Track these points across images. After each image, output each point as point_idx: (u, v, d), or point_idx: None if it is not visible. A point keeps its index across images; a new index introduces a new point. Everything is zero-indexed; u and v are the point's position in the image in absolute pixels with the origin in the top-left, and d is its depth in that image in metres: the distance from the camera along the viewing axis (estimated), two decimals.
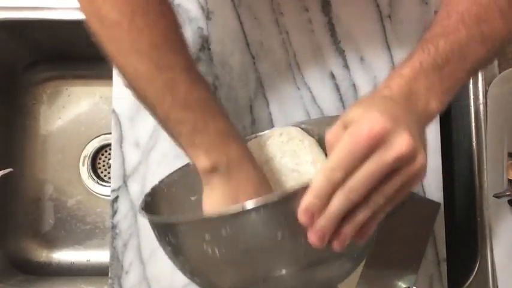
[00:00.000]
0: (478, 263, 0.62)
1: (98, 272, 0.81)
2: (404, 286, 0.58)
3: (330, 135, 0.35)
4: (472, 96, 0.65)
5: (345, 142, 0.32)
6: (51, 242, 0.83)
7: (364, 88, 0.61)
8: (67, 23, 0.70)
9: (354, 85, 0.61)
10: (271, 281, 0.38)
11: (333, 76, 0.61)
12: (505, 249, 0.62)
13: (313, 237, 0.33)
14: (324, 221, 0.33)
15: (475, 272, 0.62)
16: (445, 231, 0.60)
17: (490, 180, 0.63)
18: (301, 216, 0.33)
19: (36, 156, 0.85)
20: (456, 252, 0.65)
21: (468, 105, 0.65)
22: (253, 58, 0.62)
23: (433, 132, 0.61)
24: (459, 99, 0.67)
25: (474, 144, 0.65)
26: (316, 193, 0.32)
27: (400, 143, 0.32)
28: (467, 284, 0.62)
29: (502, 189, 0.62)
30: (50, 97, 0.87)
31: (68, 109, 0.87)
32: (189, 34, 0.61)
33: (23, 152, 0.85)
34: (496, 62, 0.66)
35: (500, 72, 0.65)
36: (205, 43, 0.61)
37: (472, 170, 0.64)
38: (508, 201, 0.62)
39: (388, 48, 0.62)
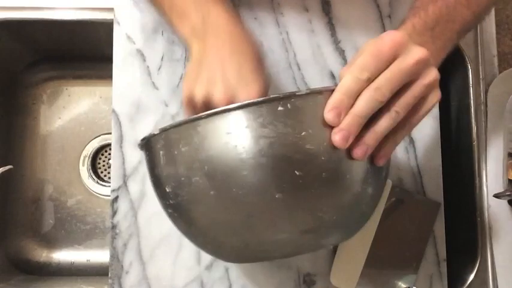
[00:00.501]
0: (478, 263, 0.62)
1: (98, 272, 0.81)
2: (404, 286, 0.58)
3: (344, 68, 0.37)
4: (472, 96, 0.65)
5: (369, 49, 0.35)
6: (51, 242, 0.83)
7: None
8: (67, 23, 0.70)
9: None
10: (273, 243, 0.37)
11: (333, 76, 0.61)
12: (505, 249, 0.62)
13: (337, 137, 0.34)
14: (350, 119, 0.34)
15: (475, 272, 0.62)
16: (445, 231, 0.60)
17: (490, 180, 0.63)
18: (329, 113, 0.34)
19: (36, 156, 0.85)
20: (456, 252, 0.65)
21: (468, 105, 0.65)
22: None
23: (433, 133, 0.61)
24: (459, 99, 0.67)
25: (474, 144, 0.65)
26: (345, 90, 0.34)
27: (418, 51, 0.35)
28: (467, 284, 0.62)
29: (502, 189, 0.62)
30: (50, 97, 0.87)
31: (68, 109, 0.87)
32: None
33: (23, 152, 0.85)
34: (496, 62, 0.66)
35: (500, 72, 0.65)
36: None
37: (472, 170, 0.64)
38: (508, 201, 0.62)
39: None
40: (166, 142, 0.38)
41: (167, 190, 0.39)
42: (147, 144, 0.41)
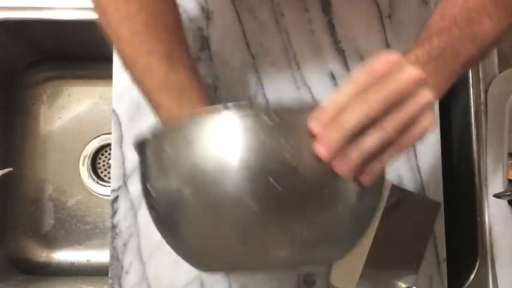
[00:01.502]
0: (478, 263, 0.62)
1: (98, 272, 0.81)
2: (404, 286, 0.58)
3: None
4: (472, 96, 0.65)
5: (363, 67, 0.34)
6: (51, 242, 0.83)
7: None
8: (67, 23, 0.70)
9: None
10: (247, 254, 0.35)
11: (333, 76, 0.61)
12: (505, 250, 0.62)
13: (321, 148, 0.33)
14: (335, 130, 0.33)
15: (475, 272, 0.62)
16: (445, 231, 0.60)
17: (490, 180, 0.63)
18: (314, 123, 0.33)
19: (36, 156, 0.85)
20: (456, 252, 0.65)
21: (468, 105, 0.65)
22: (253, 58, 0.62)
23: (433, 133, 0.61)
24: (459, 99, 0.67)
25: (474, 144, 0.65)
26: (333, 103, 0.33)
27: (413, 70, 0.35)
28: (467, 284, 0.62)
29: (502, 189, 0.62)
30: (50, 97, 0.87)
31: (68, 109, 0.87)
32: (189, 34, 0.61)
33: (23, 152, 0.85)
34: (496, 62, 0.66)
35: (500, 72, 0.65)
36: (205, 43, 0.61)
37: (472, 170, 0.64)
38: (508, 201, 0.62)
39: (388, 48, 0.62)
40: (156, 145, 0.37)
41: (153, 194, 0.38)
42: (140, 146, 0.40)
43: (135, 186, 0.59)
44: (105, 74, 0.85)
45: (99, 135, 0.86)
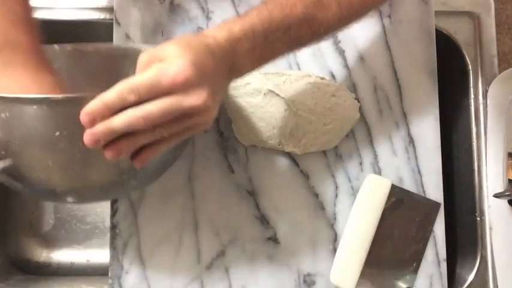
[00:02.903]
0: (478, 263, 0.62)
1: (98, 272, 0.81)
2: (404, 286, 0.58)
3: (144, 56, 0.37)
4: (472, 96, 0.65)
5: (149, 74, 0.35)
6: (51, 242, 0.83)
7: (364, 88, 0.61)
8: (67, 23, 0.70)
9: (354, 85, 0.61)
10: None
11: (333, 76, 0.61)
12: (505, 249, 0.62)
13: (86, 137, 0.35)
14: (102, 126, 0.35)
15: (475, 272, 0.62)
16: (445, 231, 0.60)
17: (490, 180, 0.63)
18: (83, 115, 0.35)
19: None
20: (456, 252, 0.65)
21: (468, 105, 0.65)
22: None
23: (433, 132, 0.61)
24: (459, 99, 0.67)
25: (474, 144, 0.65)
26: (106, 102, 0.35)
27: (198, 98, 0.36)
28: (467, 284, 0.62)
29: (502, 189, 0.62)
30: None
31: None
32: (189, 34, 0.61)
33: None
34: (496, 62, 0.66)
35: (500, 72, 0.65)
36: None
37: (472, 170, 0.64)
38: (508, 201, 0.62)
39: (388, 48, 0.62)
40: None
41: None
42: None
43: None
44: None
45: None
